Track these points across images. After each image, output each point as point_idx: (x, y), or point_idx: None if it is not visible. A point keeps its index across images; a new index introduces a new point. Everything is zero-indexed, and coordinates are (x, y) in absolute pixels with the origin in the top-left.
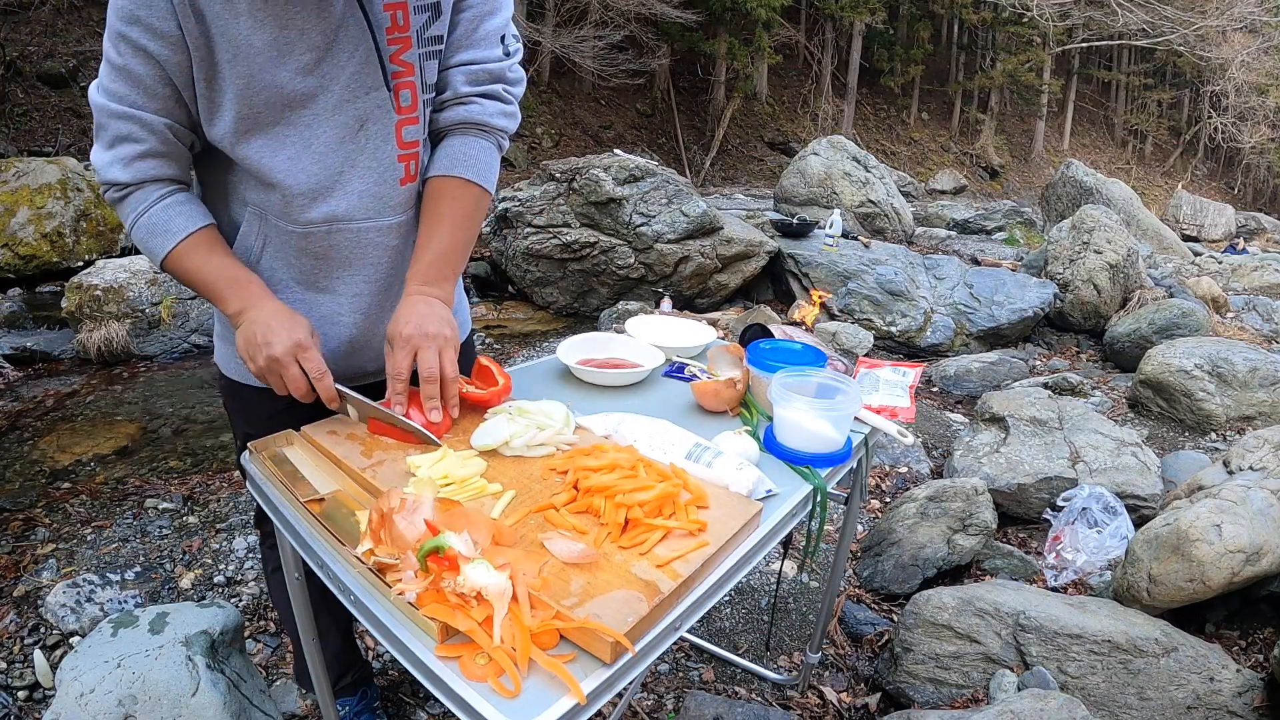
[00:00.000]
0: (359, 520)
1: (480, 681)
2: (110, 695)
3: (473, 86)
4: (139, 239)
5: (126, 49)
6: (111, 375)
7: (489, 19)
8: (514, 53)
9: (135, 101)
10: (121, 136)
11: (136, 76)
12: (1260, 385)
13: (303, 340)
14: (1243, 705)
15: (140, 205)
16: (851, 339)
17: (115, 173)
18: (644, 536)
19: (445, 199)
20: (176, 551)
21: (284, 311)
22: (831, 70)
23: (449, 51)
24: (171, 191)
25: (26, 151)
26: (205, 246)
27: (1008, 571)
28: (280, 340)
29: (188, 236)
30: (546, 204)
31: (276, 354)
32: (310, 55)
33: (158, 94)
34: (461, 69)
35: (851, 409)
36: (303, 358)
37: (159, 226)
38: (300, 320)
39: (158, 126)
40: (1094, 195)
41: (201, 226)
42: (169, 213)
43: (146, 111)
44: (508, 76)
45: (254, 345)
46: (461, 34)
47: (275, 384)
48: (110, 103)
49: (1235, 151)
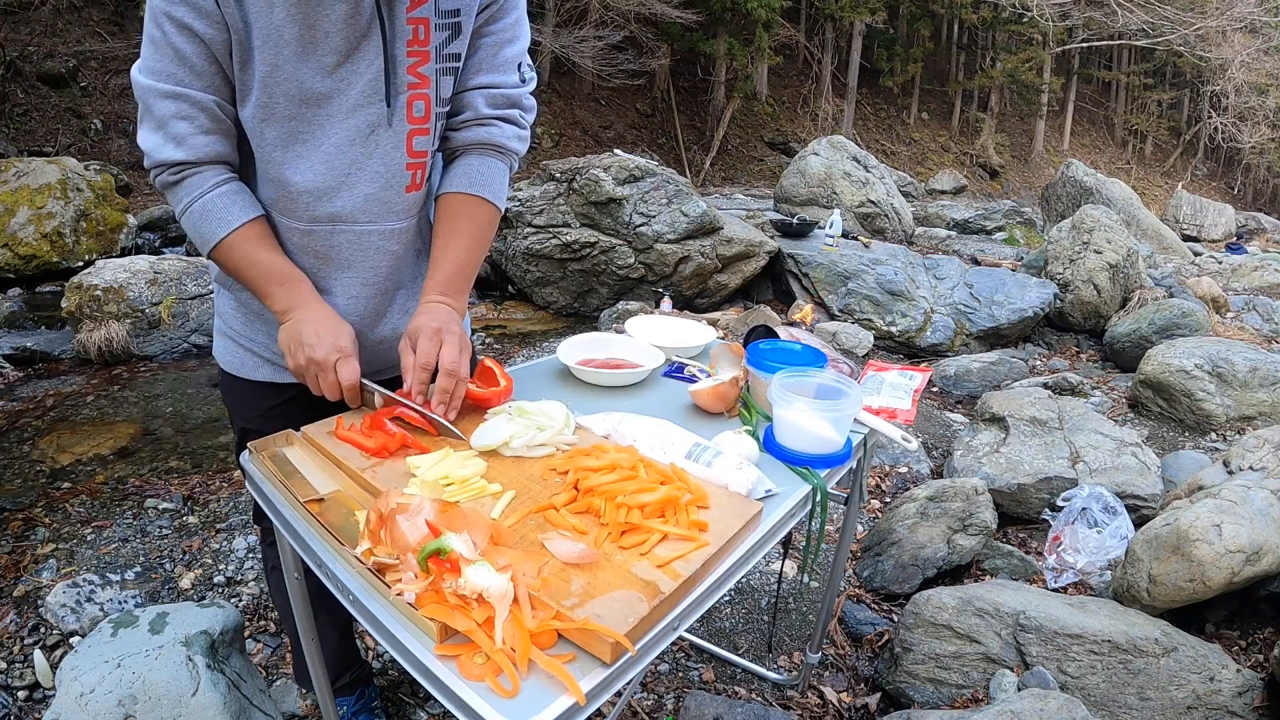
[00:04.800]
0: (358, 520)
1: (478, 681)
2: (110, 695)
3: (492, 109)
4: (189, 224)
5: (172, 27)
6: (111, 375)
7: (509, 46)
8: (529, 80)
9: (183, 79)
10: (171, 115)
11: (182, 55)
12: (1260, 385)
13: (344, 347)
14: (1243, 705)
15: (195, 190)
16: (851, 339)
17: (169, 152)
18: (644, 537)
19: (463, 216)
20: (176, 551)
21: (331, 316)
22: (831, 70)
23: (469, 73)
24: (226, 180)
25: (26, 151)
26: (256, 239)
27: (1008, 571)
28: (324, 345)
29: (240, 226)
30: (546, 204)
31: (318, 357)
32: (332, 57)
33: (205, 72)
34: (481, 91)
35: (851, 410)
36: (341, 364)
37: (212, 214)
38: (345, 328)
39: (206, 103)
40: (1094, 195)
41: (254, 217)
42: (223, 200)
43: (195, 89)
44: (523, 103)
45: (296, 344)
46: (482, 58)
47: (310, 383)
48: (157, 83)
49: (1235, 151)
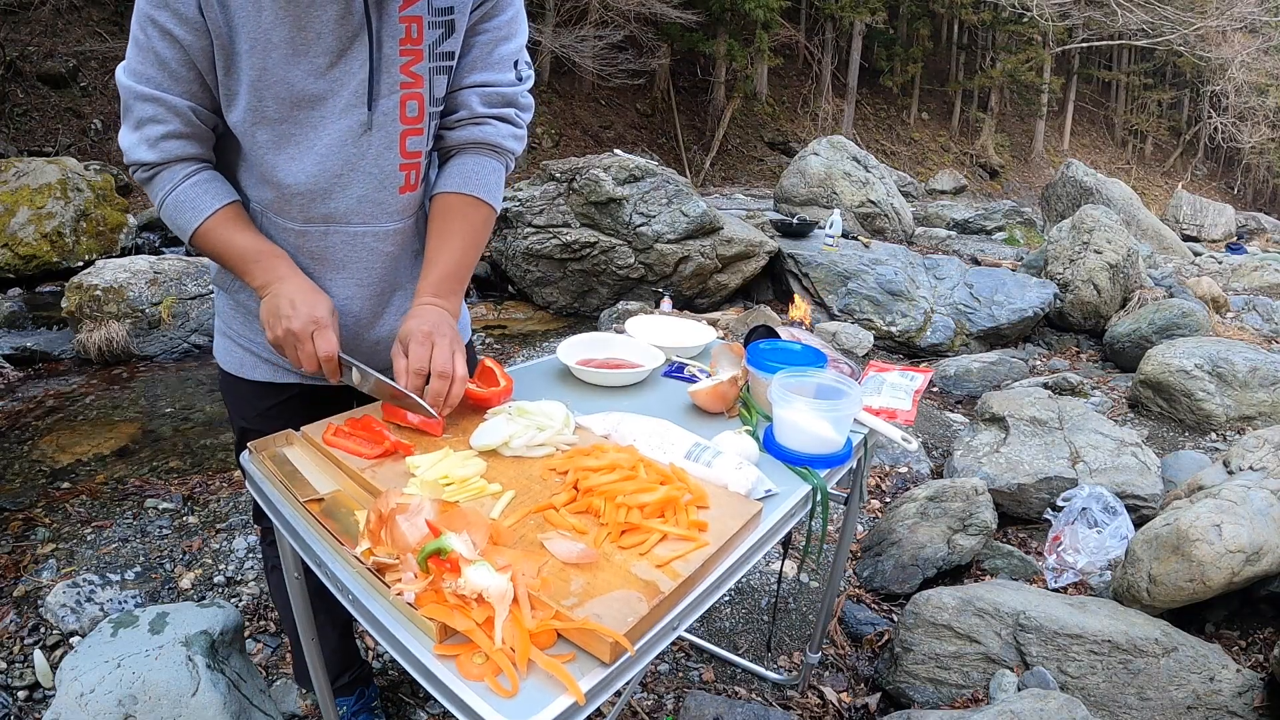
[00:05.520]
0: (358, 520)
1: (478, 681)
2: (110, 695)
3: (487, 108)
4: (168, 216)
5: (154, 32)
6: (111, 375)
7: (504, 44)
8: (526, 78)
9: (160, 84)
10: (147, 118)
11: (162, 59)
12: (1260, 385)
13: (320, 318)
14: (1243, 705)
15: (168, 184)
16: (851, 339)
17: (142, 153)
18: (644, 537)
19: (457, 217)
20: (176, 551)
21: (308, 288)
22: (831, 70)
23: (463, 72)
24: (198, 169)
25: (26, 151)
26: (231, 222)
27: (1008, 571)
28: (299, 315)
29: (214, 212)
30: (546, 204)
31: (294, 328)
32: (324, 59)
33: (182, 77)
34: (476, 90)
35: (851, 410)
36: (317, 335)
37: (186, 204)
38: (322, 298)
39: (181, 108)
40: (1094, 195)
41: (227, 203)
42: (196, 190)
43: (171, 94)
44: (519, 101)
45: (274, 316)
46: (476, 56)
47: (290, 355)
48: (136, 84)
49: (1235, 151)
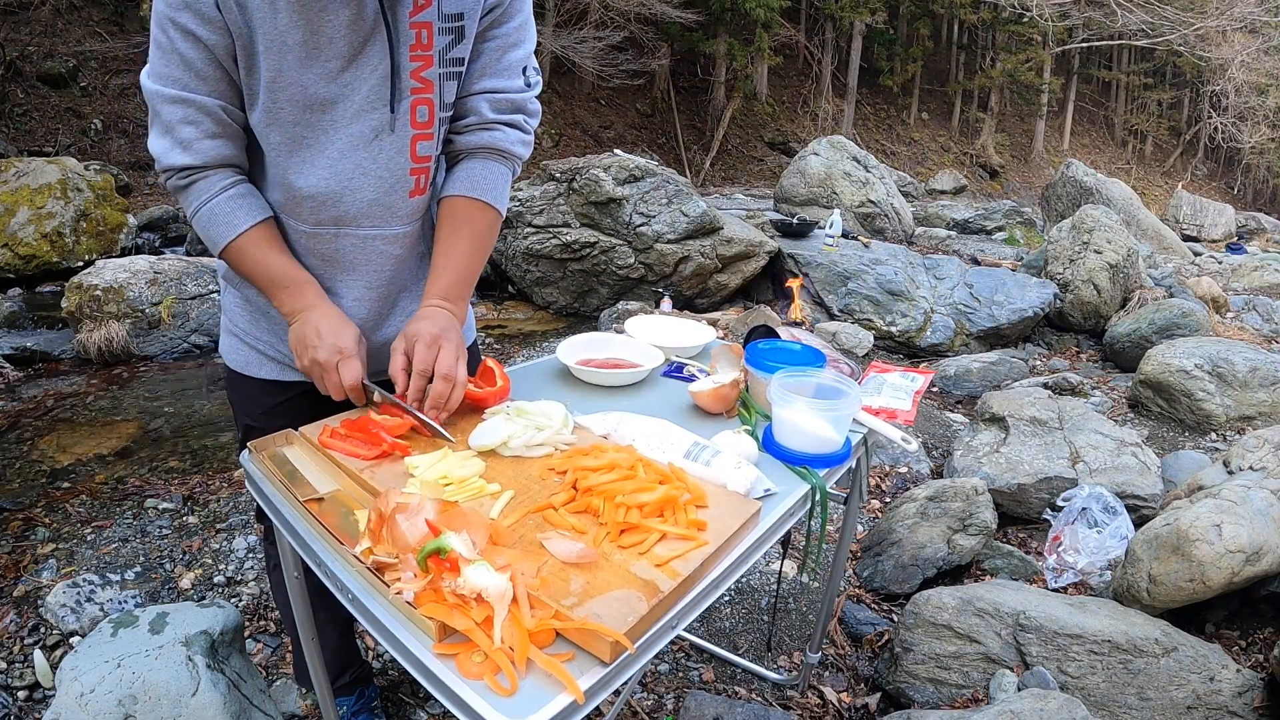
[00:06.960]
0: (358, 520)
1: (477, 680)
2: (110, 695)
3: (497, 114)
4: (200, 227)
5: (176, 33)
6: (111, 375)
7: (513, 50)
8: (534, 84)
9: (187, 84)
10: (177, 120)
11: (187, 60)
12: (1260, 385)
13: (345, 347)
14: (1243, 705)
15: (204, 194)
16: (851, 339)
17: (176, 157)
18: (643, 536)
19: (465, 221)
20: (176, 551)
21: (334, 316)
22: (831, 70)
23: (472, 78)
24: (235, 182)
25: (26, 151)
26: (262, 242)
27: (1008, 571)
28: (325, 346)
29: (249, 229)
30: (546, 204)
31: (320, 359)
32: (336, 63)
33: (208, 76)
34: (485, 96)
35: (850, 410)
36: (342, 365)
37: (219, 218)
38: (348, 327)
39: (211, 107)
40: (1094, 195)
41: (261, 220)
42: (232, 204)
43: (199, 94)
44: (528, 107)
45: (301, 346)
46: (486, 62)
47: (316, 383)
48: (162, 87)
49: (1235, 151)
